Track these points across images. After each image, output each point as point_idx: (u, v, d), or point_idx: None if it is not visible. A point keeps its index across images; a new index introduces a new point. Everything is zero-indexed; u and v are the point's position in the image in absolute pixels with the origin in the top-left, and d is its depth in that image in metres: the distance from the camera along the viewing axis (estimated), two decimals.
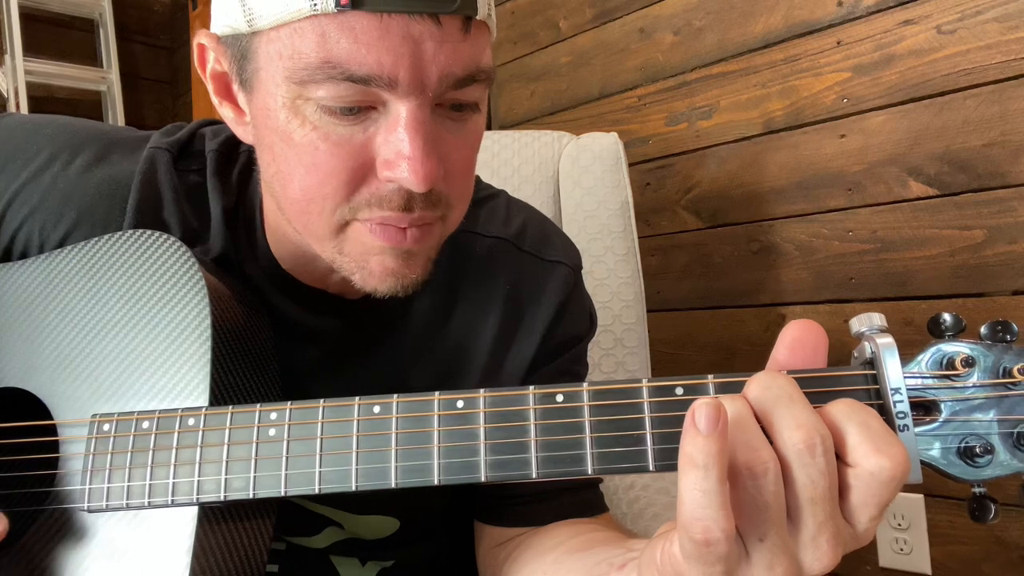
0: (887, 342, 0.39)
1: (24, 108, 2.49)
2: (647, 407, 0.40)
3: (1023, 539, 1.11)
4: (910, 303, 1.20)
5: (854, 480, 0.36)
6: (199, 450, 0.47)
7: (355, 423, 0.44)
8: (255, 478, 0.45)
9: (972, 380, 0.39)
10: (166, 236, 0.55)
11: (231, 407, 0.47)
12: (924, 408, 0.40)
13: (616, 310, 1.11)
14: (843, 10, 1.27)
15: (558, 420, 0.41)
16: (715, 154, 1.45)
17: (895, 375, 0.39)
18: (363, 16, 0.44)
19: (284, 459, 0.45)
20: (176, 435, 0.47)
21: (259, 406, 0.47)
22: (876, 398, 0.39)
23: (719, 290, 1.45)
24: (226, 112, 0.56)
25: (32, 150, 0.61)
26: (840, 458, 0.36)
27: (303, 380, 0.62)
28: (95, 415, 0.50)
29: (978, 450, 0.38)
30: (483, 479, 0.42)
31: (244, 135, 0.56)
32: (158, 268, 0.53)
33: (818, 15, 1.30)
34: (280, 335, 0.59)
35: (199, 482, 0.46)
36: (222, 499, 0.46)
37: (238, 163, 0.64)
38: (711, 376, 0.40)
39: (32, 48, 2.56)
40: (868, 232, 1.25)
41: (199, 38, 0.54)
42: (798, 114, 1.33)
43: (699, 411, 0.34)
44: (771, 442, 0.36)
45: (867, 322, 0.40)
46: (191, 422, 0.47)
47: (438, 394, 0.44)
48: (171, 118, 3.01)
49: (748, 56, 1.39)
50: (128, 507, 0.48)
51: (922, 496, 1.20)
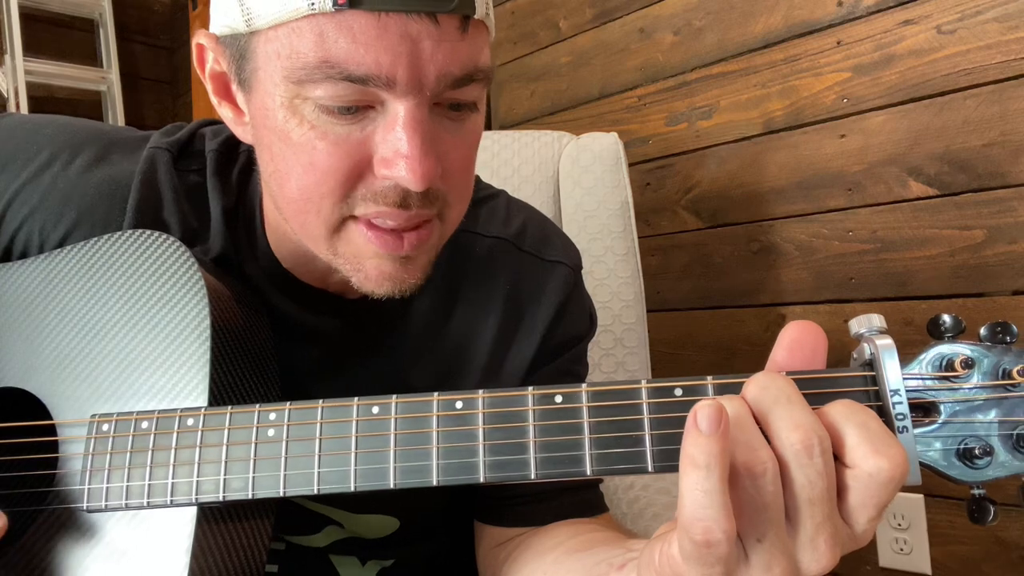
0: (886, 343, 0.39)
1: (24, 108, 2.49)
2: (646, 408, 0.40)
3: (1023, 539, 1.11)
4: (910, 303, 1.20)
5: (852, 481, 0.36)
6: (198, 450, 0.47)
7: (354, 423, 0.44)
8: (254, 478, 0.45)
9: (972, 382, 0.39)
10: (166, 236, 0.55)
11: (230, 407, 0.47)
12: (923, 409, 0.40)
13: (616, 310, 1.11)
14: (843, 10, 1.27)
15: (557, 421, 0.41)
16: (715, 154, 1.45)
17: (894, 376, 0.39)
18: (361, 15, 0.44)
19: (283, 459, 0.45)
20: (175, 435, 0.47)
21: (258, 406, 0.47)
22: (875, 399, 0.39)
23: (719, 290, 1.45)
24: (225, 112, 0.56)
25: (32, 150, 0.61)
26: (839, 459, 0.36)
27: (303, 380, 0.62)
28: (94, 415, 0.50)
29: (977, 452, 0.38)
30: (482, 480, 0.42)
31: (243, 135, 0.56)
32: (158, 268, 0.53)
33: (818, 15, 1.30)
34: (280, 335, 0.59)
35: (198, 482, 0.46)
36: (221, 499, 0.46)
37: (238, 163, 0.64)
38: (710, 377, 0.40)
39: (32, 48, 2.57)
40: (868, 232, 1.25)
41: (198, 38, 0.54)
42: (798, 114, 1.33)
43: (700, 412, 0.34)
44: (769, 443, 0.36)
45: (866, 323, 0.40)
46: (190, 422, 0.47)
47: (437, 395, 0.44)
48: (171, 118, 3.01)
49: (748, 56, 1.39)
50: (127, 507, 0.48)
51: (922, 496, 1.20)
